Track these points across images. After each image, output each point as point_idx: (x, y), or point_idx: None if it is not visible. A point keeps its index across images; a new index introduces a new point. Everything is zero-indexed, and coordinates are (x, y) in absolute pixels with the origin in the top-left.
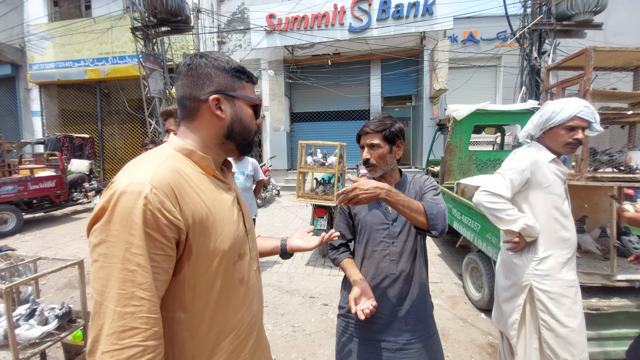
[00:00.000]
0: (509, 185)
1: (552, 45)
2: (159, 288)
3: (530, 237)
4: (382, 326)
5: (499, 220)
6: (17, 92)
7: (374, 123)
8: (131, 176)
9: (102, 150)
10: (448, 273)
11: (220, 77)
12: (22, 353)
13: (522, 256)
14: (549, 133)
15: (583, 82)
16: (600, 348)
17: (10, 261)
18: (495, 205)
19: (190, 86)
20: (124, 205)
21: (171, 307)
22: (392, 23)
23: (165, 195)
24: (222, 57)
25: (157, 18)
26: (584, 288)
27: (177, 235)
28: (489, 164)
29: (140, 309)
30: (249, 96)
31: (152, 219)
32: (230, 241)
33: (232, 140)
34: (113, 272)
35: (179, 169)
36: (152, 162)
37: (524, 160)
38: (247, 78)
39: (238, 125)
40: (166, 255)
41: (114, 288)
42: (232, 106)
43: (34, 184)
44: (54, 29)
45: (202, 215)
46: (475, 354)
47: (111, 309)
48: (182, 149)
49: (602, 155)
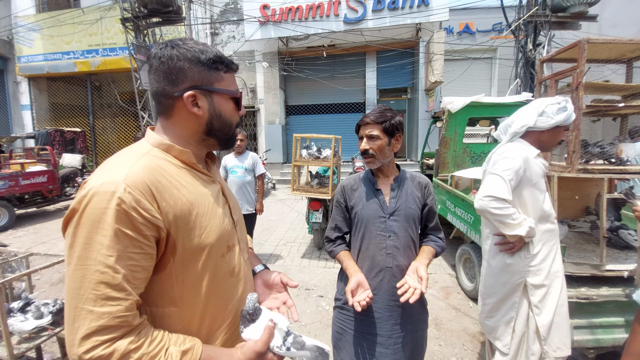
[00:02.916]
0: (509, 187)
1: (547, 37)
2: (138, 286)
3: (530, 237)
4: (376, 320)
5: (505, 226)
6: (5, 86)
7: (374, 114)
8: (104, 176)
9: (94, 144)
10: (442, 264)
11: (194, 70)
12: (16, 348)
13: (515, 255)
14: (552, 131)
15: (576, 74)
16: (592, 336)
17: (2, 257)
18: (502, 210)
19: (163, 81)
20: (95, 206)
21: (161, 303)
22: (387, 14)
23: (141, 193)
24: (195, 46)
25: (148, 8)
26: (573, 277)
27: (156, 233)
28: (483, 157)
29: (117, 308)
30: (227, 89)
31: (126, 218)
32: (216, 234)
33: (212, 136)
34: (87, 275)
35: (156, 166)
36: (126, 160)
37: (517, 158)
38: (225, 68)
39: (217, 121)
40: (145, 253)
41: (89, 290)
42: (210, 101)
43: (25, 179)
44: (42, 20)
45: (184, 210)
46: (468, 342)
47: (87, 310)
48: (159, 144)
49: (593, 148)
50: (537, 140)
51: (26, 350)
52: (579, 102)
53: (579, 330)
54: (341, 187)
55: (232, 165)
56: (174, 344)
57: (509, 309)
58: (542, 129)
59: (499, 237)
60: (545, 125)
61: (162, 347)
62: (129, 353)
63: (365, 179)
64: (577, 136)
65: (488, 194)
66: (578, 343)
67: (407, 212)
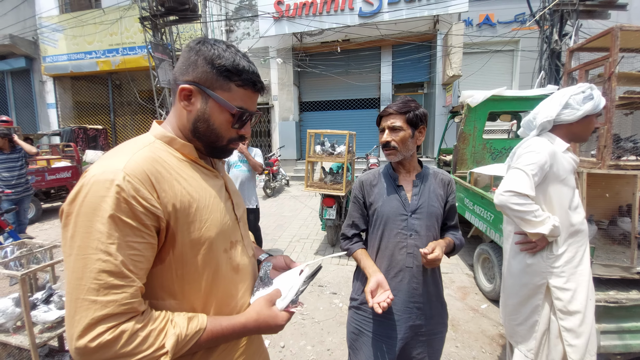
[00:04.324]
0: (532, 182)
1: (575, 26)
2: (141, 276)
3: (553, 237)
4: (395, 322)
5: (526, 223)
6: (32, 85)
7: (397, 104)
8: (104, 165)
9: (115, 141)
10: (459, 263)
11: (203, 69)
12: (38, 337)
13: (537, 255)
14: (582, 121)
15: (608, 64)
16: (620, 341)
17: (27, 249)
18: (523, 207)
19: (179, 69)
20: (94, 194)
21: (160, 295)
22: (404, 6)
23: (140, 182)
24: (218, 49)
25: (165, 7)
26: (602, 280)
27: (156, 223)
28: (504, 153)
29: (122, 295)
30: (222, 100)
31: (126, 206)
32: (216, 228)
33: (197, 138)
34: (88, 264)
35: (156, 157)
36: (128, 150)
37: (543, 152)
38: (240, 82)
39: (203, 125)
40: (147, 242)
41: (90, 279)
42: (203, 103)
43: (51, 174)
44: (65, 21)
45: (183, 202)
46: (486, 344)
47: (90, 301)
48: (162, 137)
49: (626, 142)
50: (568, 133)
51: (48, 339)
52: (611, 94)
53: (606, 335)
54: (359, 183)
55: (235, 160)
56: (177, 315)
57: (532, 312)
58: (570, 122)
59: (520, 235)
60: (572, 118)
61: (167, 320)
62: (136, 332)
63: (386, 174)
64: (608, 130)
65: (509, 189)
66: (605, 349)
67: (430, 210)
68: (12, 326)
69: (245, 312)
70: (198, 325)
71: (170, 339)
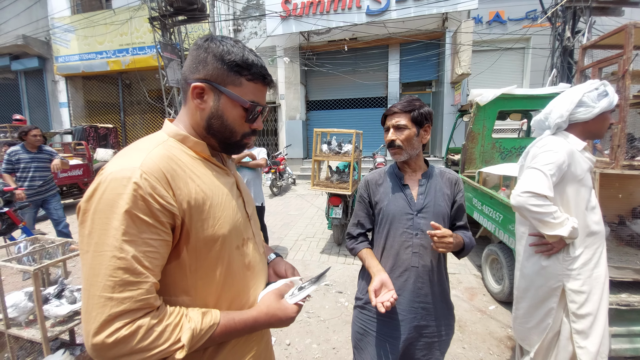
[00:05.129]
0: (551, 183)
1: (588, 23)
2: (156, 273)
3: (572, 239)
4: (399, 322)
5: (544, 225)
6: (45, 84)
7: (401, 103)
8: (121, 163)
9: (125, 140)
10: (466, 264)
11: (213, 65)
12: (50, 331)
13: (553, 257)
14: (598, 119)
15: (622, 61)
16: (631, 345)
17: (40, 244)
18: (542, 208)
19: (188, 68)
20: (112, 192)
21: (173, 292)
22: (412, 4)
23: (156, 180)
24: (226, 45)
25: (174, 7)
26: (614, 283)
27: (171, 220)
28: (514, 152)
29: (138, 292)
30: (236, 95)
31: (143, 204)
32: (229, 225)
33: (212, 135)
34: (103, 261)
35: (171, 155)
36: (143, 148)
37: (561, 152)
38: (250, 75)
39: (217, 122)
40: (162, 240)
41: (106, 276)
42: (216, 100)
43: (63, 172)
44: (77, 22)
45: (198, 200)
46: (494, 346)
47: (106, 298)
48: (175, 135)
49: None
50: (584, 131)
51: (59, 333)
52: (625, 92)
53: (617, 338)
54: (365, 182)
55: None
56: (192, 310)
57: (546, 316)
58: (586, 120)
59: (535, 237)
60: (589, 116)
61: (182, 315)
62: (152, 327)
63: (392, 173)
64: (622, 129)
65: (527, 190)
66: (616, 352)
67: (436, 209)
68: (24, 320)
69: (256, 306)
70: (212, 320)
71: (186, 333)
